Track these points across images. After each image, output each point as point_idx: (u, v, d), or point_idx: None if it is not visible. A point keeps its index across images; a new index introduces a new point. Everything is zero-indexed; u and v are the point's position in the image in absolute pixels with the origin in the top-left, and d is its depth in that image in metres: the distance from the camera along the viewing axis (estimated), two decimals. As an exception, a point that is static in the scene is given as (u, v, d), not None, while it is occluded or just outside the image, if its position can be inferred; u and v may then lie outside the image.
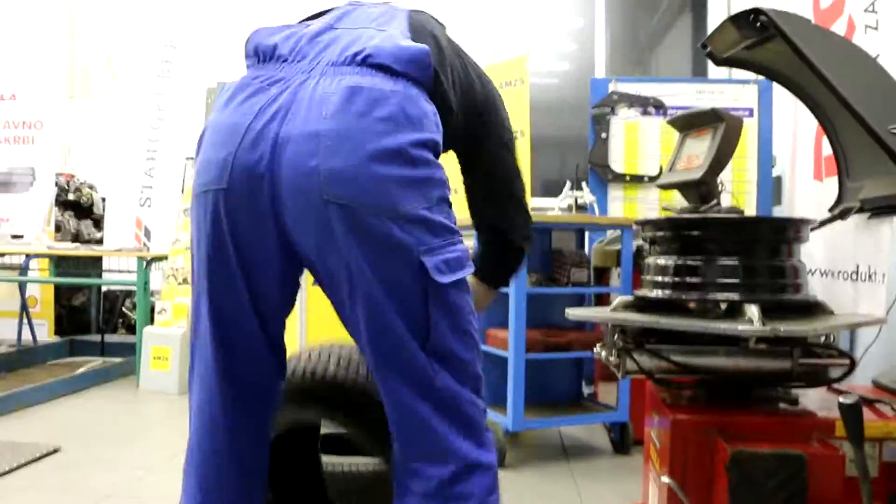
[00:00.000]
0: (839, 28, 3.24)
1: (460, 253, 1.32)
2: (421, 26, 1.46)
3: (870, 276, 2.69)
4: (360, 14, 1.48)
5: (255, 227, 1.31)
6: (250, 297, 1.37)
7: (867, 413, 1.78)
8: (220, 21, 7.33)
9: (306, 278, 1.49)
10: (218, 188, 1.29)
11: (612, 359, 1.79)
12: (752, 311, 1.55)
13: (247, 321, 1.39)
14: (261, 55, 1.42)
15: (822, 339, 1.68)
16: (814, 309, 1.76)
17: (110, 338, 6.17)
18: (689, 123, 2.30)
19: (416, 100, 1.30)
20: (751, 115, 3.95)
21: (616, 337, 1.77)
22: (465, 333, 1.34)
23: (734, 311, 1.62)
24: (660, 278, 1.81)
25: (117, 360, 5.46)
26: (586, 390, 3.95)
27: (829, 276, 2.86)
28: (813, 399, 1.86)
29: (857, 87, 2.19)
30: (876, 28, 2.92)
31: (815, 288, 3.18)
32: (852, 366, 1.67)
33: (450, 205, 1.35)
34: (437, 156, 1.34)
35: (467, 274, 1.34)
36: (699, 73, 6.28)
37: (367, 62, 1.30)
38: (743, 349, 1.63)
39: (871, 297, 2.83)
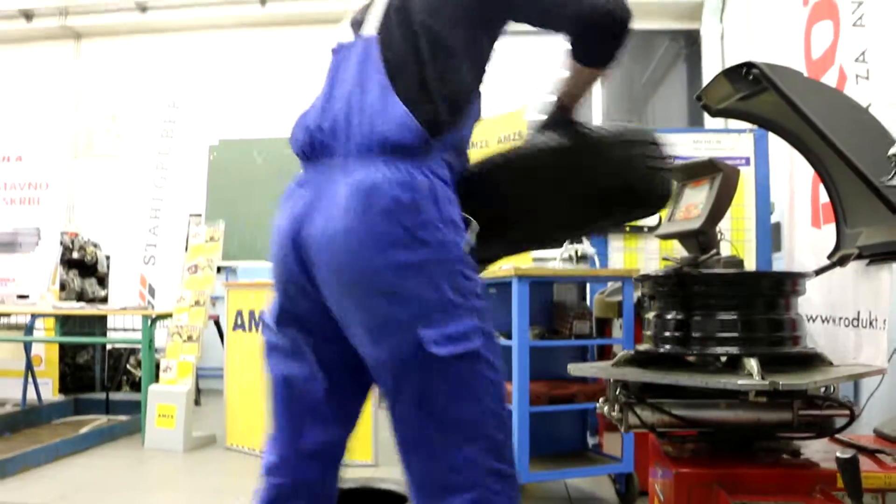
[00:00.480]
0: (831, 78, 3.30)
1: (466, 328, 1.39)
2: (392, 54, 1.49)
3: (871, 323, 2.69)
4: (344, 74, 1.54)
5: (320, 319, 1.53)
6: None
7: (869, 463, 1.78)
8: (221, 80, 7.47)
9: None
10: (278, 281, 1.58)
11: (614, 413, 1.79)
12: (752, 364, 1.56)
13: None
14: (297, 153, 1.61)
15: (822, 390, 1.68)
16: (813, 360, 1.77)
17: (115, 396, 6.15)
18: (687, 173, 2.33)
19: (408, 183, 1.40)
20: (747, 163, 3.99)
21: (618, 392, 1.78)
22: (476, 401, 1.41)
23: (734, 365, 1.63)
24: (659, 333, 1.82)
25: (122, 418, 5.45)
26: (591, 441, 3.93)
27: (830, 323, 2.86)
28: (815, 450, 1.85)
29: (850, 136, 2.22)
30: (867, 78, 2.97)
31: (817, 334, 3.19)
32: (852, 416, 1.67)
33: (464, 276, 1.41)
34: (449, 222, 1.41)
35: (474, 346, 1.39)
36: (695, 123, 6.36)
37: (361, 152, 1.43)
38: (743, 402, 1.63)
39: (873, 343, 2.83)
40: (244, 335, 4.69)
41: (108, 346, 6.70)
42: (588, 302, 4.02)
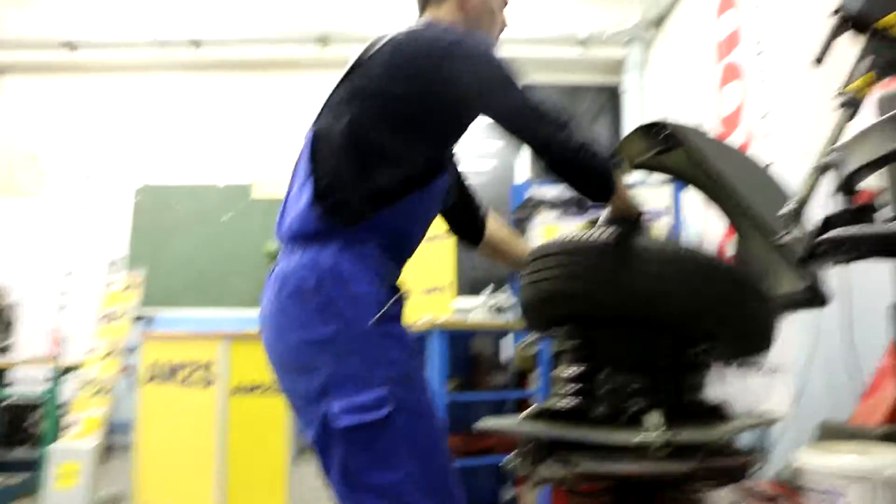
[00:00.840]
0: (740, 134, 3.44)
1: (373, 397, 1.44)
2: (321, 149, 1.60)
3: (778, 369, 2.78)
4: (299, 164, 1.67)
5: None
6: None
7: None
8: (150, 123, 7.35)
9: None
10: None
11: (524, 468, 1.79)
12: (654, 418, 1.57)
13: None
14: None
15: (726, 440, 1.71)
16: (716, 411, 1.79)
17: (14, 454, 5.81)
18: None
19: (312, 266, 1.52)
20: (664, 215, 4.08)
21: (527, 447, 1.78)
22: (392, 469, 1.44)
23: (639, 418, 1.64)
24: (565, 388, 1.83)
25: (19, 477, 5.14)
26: (510, 493, 3.90)
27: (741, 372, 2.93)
28: (721, 498, 1.87)
29: (753, 192, 2.30)
30: (770, 137, 3.10)
31: (728, 382, 3.25)
32: (753, 464, 1.69)
33: (372, 347, 1.48)
34: (353, 298, 1.49)
35: (382, 415, 1.44)
36: (617, 175, 6.50)
37: (285, 242, 1.62)
38: (649, 454, 1.64)
39: (781, 389, 2.91)
40: (159, 388, 4.53)
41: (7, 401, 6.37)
42: (505, 354, 4.02)
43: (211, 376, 3.72)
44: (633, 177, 5.12)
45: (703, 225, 3.83)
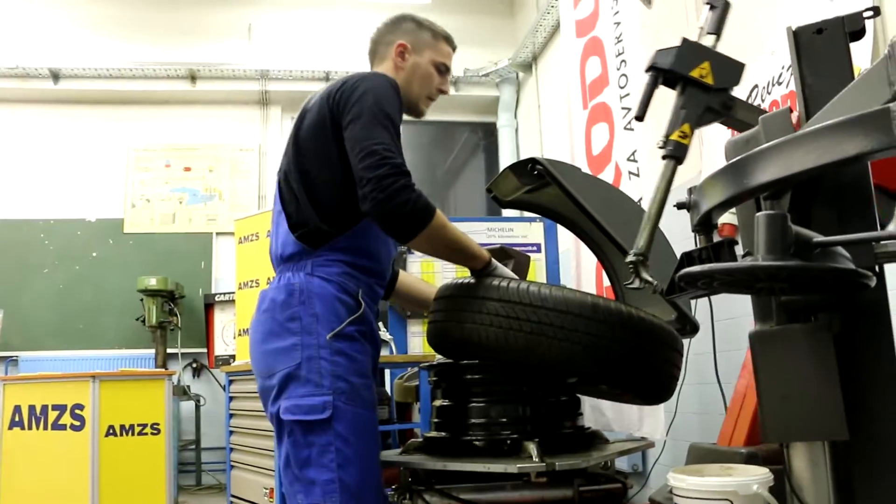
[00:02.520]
0: (609, 173, 3.62)
1: (318, 402, 1.67)
2: (283, 186, 1.89)
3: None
4: (276, 198, 1.94)
5: None
6: None
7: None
8: (6, 156, 6.99)
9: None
10: None
11: (405, 501, 1.84)
12: (531, 447, 1.64)
13: None
14: None
15: (601, 465, 1.80)
16: (590, 439, 1.88)
17: None
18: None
19: (285, 286, 1.78)
20: (539, 250, 4.22)
21: (409, 479, 1.83)
22: (327, 469, 1.65)
23: (517, 448, 1.71)
24: (444, 420, 1.89)
25: None
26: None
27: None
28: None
29: (622, 226, 2.43)
30: (637, 175, 3.28)
31: (606, 409, 3.40)
32: (625, 489, 1.79)
33: (325, 360, 1.70)
34: (313, 315, 1.73)
35: (322, 418, 1.66)
36: (494, 211, 6.67)
37: (277, 264, 1.88)
38: (527, 483, 1.72)
39: (653, 416, 3.06)
40: (22, 434, 4.29)
41: None
42: (388, 387, 4.04)
43: (82, 418, 3.57)
44: (507, 212, 5.29)
45: (575, 261, 3.99)
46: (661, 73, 1.97)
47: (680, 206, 1.90)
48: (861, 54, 2.43)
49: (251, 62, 6.89)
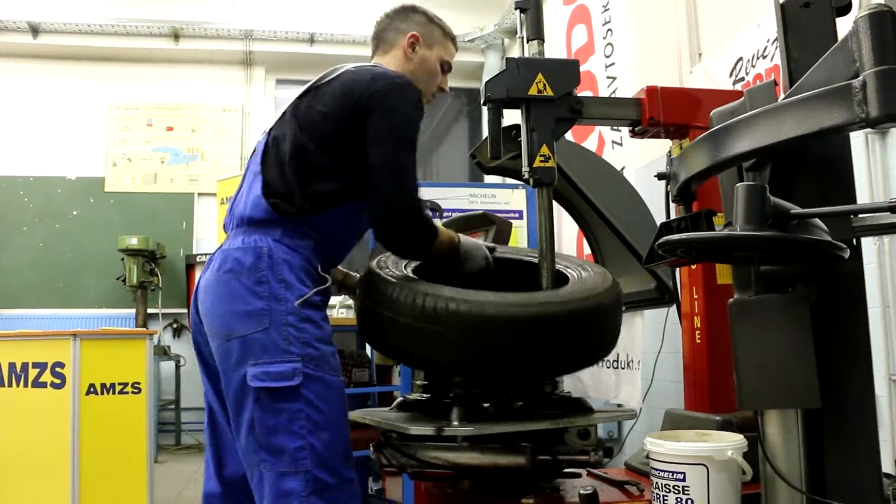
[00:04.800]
0: (592, 142, 3.64)
1: (287, 369, 1.66)
2: (270, 150, 1.85)
3: (628, 364, 2.96)
4: (254, 158, 1.91)
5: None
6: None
7: (617, 494, 1.99)
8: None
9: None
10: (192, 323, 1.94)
11: (372, 455, 1.95)
12: (457, 412, 1.72)
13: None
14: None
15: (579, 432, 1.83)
16: (570, 404, 1.91)
17: None
18: (464, 226, 2.46)
19: (251, 249, 1.74)
20: (521, 216, 4.22)
21: (382, 437, 1.89)
22: (296, 437, 1.64)
23: (460, 411, 1.75)
24: (419, 381, 1.93)
25: None
26: (375, 486, 3.96)
27: (595, 366, 3.10)
28: (575, 485, 2.00)
29: (607, 196, 2.46)
30: (621, 144, 3.30)
31: (585, 376, 3.44)
32: (600, 453, 1.82)
33: (292, 326, 1.68)
34: (281, 281, 1.71)
35: (292, 385, 1.65)
36: (476, 177, 6.66)
37: (234, 227, 1.83)
38: (481, 447, 1.76)
39: (630, 382, 3.10)
40: (2, 391, 4.28)
41: None
42: (368, 350, 4.07)
43: (62, 376, 3.57)
44: (489, 178, 5.29)
45: (557, 228, 4.01)
46: (500, 103, 2.01)
47: (660, 176, 1.93)
48: (847, 29, 2.44)
49: (236, 22, 6.81)
